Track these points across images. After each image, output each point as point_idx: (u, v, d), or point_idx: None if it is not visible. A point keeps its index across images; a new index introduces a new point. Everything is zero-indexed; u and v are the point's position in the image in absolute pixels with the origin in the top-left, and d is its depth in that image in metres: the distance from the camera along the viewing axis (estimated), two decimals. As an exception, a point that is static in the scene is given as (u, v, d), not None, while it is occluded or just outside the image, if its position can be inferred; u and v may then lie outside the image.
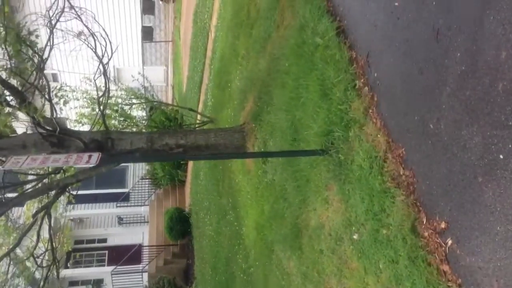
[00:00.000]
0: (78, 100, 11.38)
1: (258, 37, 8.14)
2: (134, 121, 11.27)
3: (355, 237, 4.66)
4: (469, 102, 3.20)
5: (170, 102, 32.26)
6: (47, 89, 8.08)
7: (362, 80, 4.87)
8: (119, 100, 11.45)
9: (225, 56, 10.98)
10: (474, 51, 3.16)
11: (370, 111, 4.67)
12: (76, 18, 8.13)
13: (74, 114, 11.44)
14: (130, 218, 22.40)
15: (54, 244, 7.77)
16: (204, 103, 14.14)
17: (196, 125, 11.86)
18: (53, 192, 7.73)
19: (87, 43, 8.22)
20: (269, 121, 7.22)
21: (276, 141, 6.84)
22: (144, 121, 12.22)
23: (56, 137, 7.27)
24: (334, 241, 5.09)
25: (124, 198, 21.64)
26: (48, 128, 7.25)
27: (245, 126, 8.10)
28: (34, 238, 8.21)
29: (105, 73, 8.17)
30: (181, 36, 23.61)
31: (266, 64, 7.53)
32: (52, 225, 7.91)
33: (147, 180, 21.00)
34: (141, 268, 19.27)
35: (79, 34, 8.39)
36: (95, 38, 8.14)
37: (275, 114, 6.89)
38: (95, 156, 4.93)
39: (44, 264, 8.29)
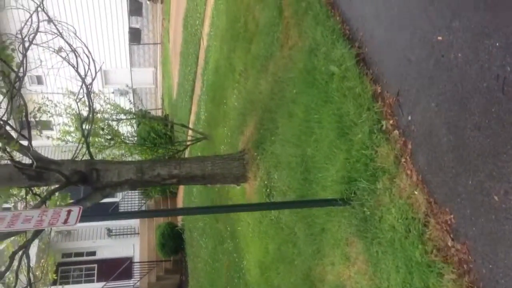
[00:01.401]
0: (61, 116, 10.52)
1: (258, 55, 7.36)
2: (122, 137, 10.42)
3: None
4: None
5: (159, 106, 31.42)
6: (24, 112, 7.28)
7: (390, 122, 4.12)
8: (106, 115, 10.60)
9: (220, 69, 10.19)
10: None
11: (403, 160, 3.92)
12: (54, 33, 7.31)
13: (57, 131, 10.57)
14: (120, 230, 21.53)
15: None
16: (196, 115, 13.34)
17: (189, 142, 11.06)
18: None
19: (67, 60, 7.41)
20: (273, 152, 6.46)
21: (283, 176, 6.08)
22: (133, 138, 11.37)
23: (34, 170, 6.48)
24: (358, 308, 4.35)
25: (113, 209, 20.75)
26: (24, 162, 6.44)
27: (245, 153, 7.33)
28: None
29: (88, 95, 7.36)
30: (170, 39, 22.74)
31: (269, 86, 6.75)
32: (31, 266, 7.09)
33: (137, 191, 20.12)
34: (132, 284, 18.47)
35: (59, 50, 7.57)
36: (77, 54, 7.33)
37: (282, 145, 6.12)
38: (75, 212, 4.14)
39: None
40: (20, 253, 7.01)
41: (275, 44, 6.70)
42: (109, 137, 9.91)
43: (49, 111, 10.27)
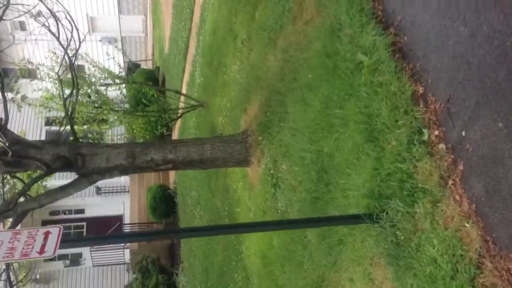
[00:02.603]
0: (43, 80, 9.64)
1: (265, 24, 6.51)
2: (111, 105, 9.60)
3: None
4: None
5: (150, 57, 30.16)
6: None
7: (436, 133, 3.42)
8: (93, 79, 9.71)
9: (219, 32, 9.28)
10: None
11: (451, 182, 3.26)
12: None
13: (39, 97, 9.71)
14: (109, 188, 20.98)
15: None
16: (191, 75, 12.48)
17: (183, 109, 10.28)
18: (10, 220, 6.24)
19: (47, 27, 6.51)
20: (281, 140, 5.76)
21: (293, 169, 5.41)
22: (122, 104, 10.53)
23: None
24: None
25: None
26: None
27: (248, 135, 6.62)
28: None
29: (71, 67, 6.51)
30: (161, -13, 21.36)
31: (278, 64, 5.96)
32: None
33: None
34: (122, 244, 18.08)
35: (37, 14, 6.66)
36: (58, 20, 6.43)
37: (292, 135, 5.42)
38: (54, 236, 3.46)
39: None
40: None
41: (286, 15, 5.85)
42: (96, 105, 9.08)
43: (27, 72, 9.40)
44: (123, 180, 20.10)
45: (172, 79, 16.65)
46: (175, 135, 15.12)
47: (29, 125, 19.43)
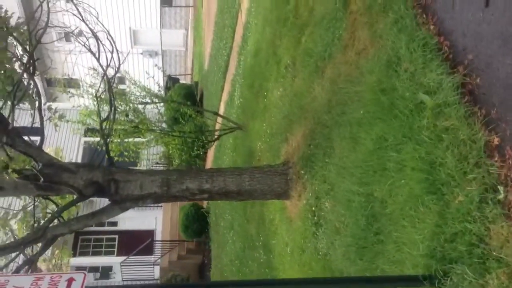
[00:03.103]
0: (82, 97, 9.55)
1: (312, 51, 6.15)
2: (147, 124, 9.41)
3: None
4: None
5: (189, 71, 30.25)
6: (37, 102, 6.36)
7: (515, 194, 2.96)
8: (132, 97, 9.57)
9: (261, 54, 8.99)
10: None
11: (533, 254, 2.79)
12: (73, 14, 6.22)
13: (76, 113, 9.61)
14: (142, 202, 20.88)
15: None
16: (230, 95, 12.22)
17: (221, 131, 10.00)
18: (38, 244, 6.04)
19: (87, 47, 6.35)
20: (326, 176, 5.35)
21: (338, 210, 4.99)
22: (159, 123, 10.35)
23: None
24: None
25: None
26: (30, 170, 5.49)
27: (289, 167, 6.24)
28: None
29: (110, 89, 6.31)
30: (203, 4, 21.36)
31: (325, 95, 5.58)
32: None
33: (161, 165, 19.30)
34: (153, 260, 17.89)
35: (79, 34, 6.52)
36: (99, 41, 6.25)
37: (338, 174, 5.01)
38: (78, 284, 3.16)
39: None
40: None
41: (335, 43, 5.48)
42: (134, 124, 8.90)
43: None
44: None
45: (210, 96, 16.48)
46: (210, 156, 14.86)
47: (66, 139, 19.58)
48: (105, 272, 19.58)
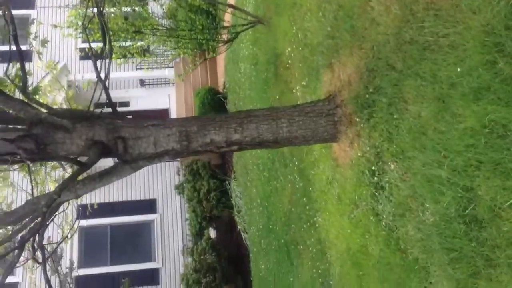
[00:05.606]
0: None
1: None
2: (152, 23, 7.84)
3: None
4: None
5: None
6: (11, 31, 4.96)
7: None
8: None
9: None
10: None
11: None
12: None
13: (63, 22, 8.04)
14: (152, 80, 19.69)
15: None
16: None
17: (239, 28, 8.43)
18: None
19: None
20: (393, 135, 4.12)
21: (412, 186, 3.87)
22: (166, 19, 8.71)
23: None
24: None
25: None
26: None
27: (337, 107, 4.95)
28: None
29: (100, 14, 4.82)
30: None
31: (392, 23, 4.04)
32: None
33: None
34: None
35: None
36: None
37: (414, 137, 3.77)
38: None
39: None
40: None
41: None
42: (134, 28, 7.37)
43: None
44: (167, 73, 18.63)
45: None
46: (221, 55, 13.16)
47: (59, 50, 17.66)
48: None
